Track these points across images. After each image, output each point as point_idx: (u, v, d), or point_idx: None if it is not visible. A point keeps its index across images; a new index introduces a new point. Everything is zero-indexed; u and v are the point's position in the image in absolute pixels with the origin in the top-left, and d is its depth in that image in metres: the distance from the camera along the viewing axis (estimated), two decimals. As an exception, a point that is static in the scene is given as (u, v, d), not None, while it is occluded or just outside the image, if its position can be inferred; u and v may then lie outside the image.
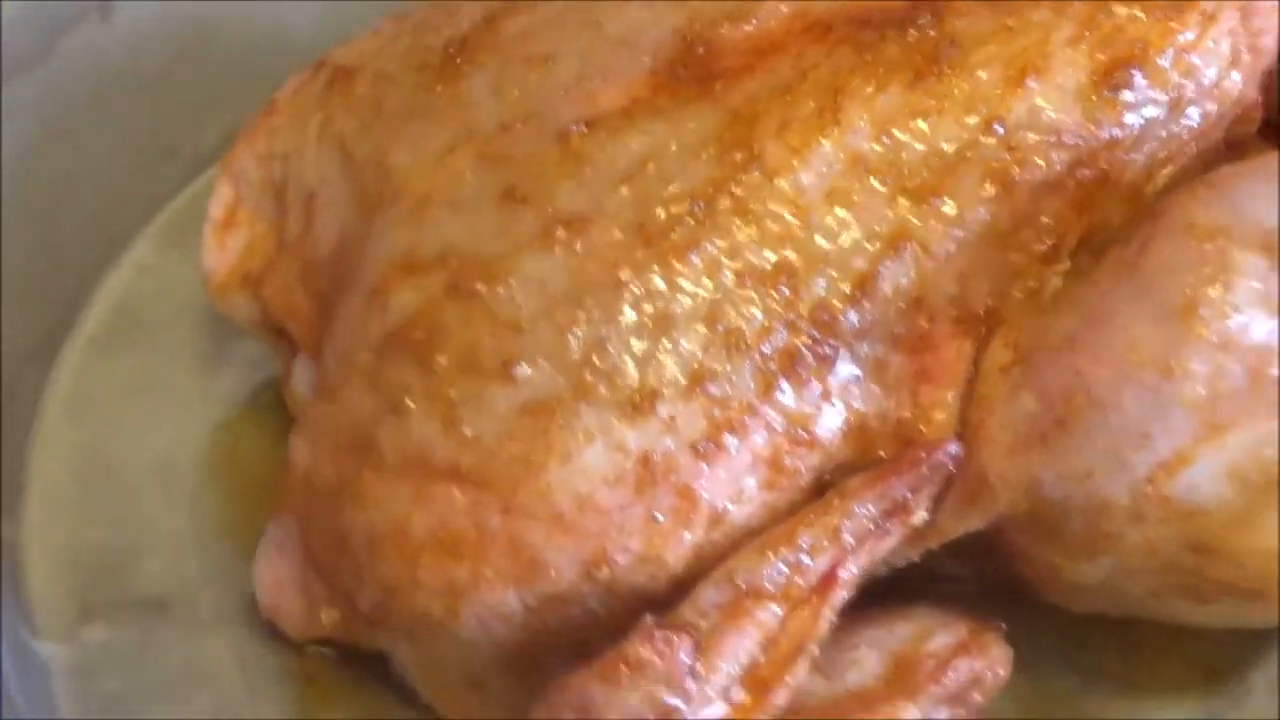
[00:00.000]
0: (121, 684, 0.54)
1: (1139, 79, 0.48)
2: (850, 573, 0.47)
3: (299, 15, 0.65)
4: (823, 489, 0.48)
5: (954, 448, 0.48)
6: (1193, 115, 0.49)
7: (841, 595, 0.47)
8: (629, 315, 0.46)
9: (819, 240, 0.47)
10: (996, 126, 0.47)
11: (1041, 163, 0.48)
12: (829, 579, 0.47)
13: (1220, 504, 0.47)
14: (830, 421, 0.47)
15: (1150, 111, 0.49)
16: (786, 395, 0.46)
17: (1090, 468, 0.47)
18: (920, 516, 0.48)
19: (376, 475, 0.47)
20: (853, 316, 0.47)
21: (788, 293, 0.47)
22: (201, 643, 0.54)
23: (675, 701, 0.46)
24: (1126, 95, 0.48)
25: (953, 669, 0.50)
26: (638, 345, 0.46)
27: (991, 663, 0.51)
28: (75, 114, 0.64)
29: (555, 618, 0.47)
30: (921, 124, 0.48)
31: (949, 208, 0.47)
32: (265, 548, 0.51)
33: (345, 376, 0.48)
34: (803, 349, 0.47)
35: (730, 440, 0.46)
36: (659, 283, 0.47)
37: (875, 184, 0.47)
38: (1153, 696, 0.56)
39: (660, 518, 0.46)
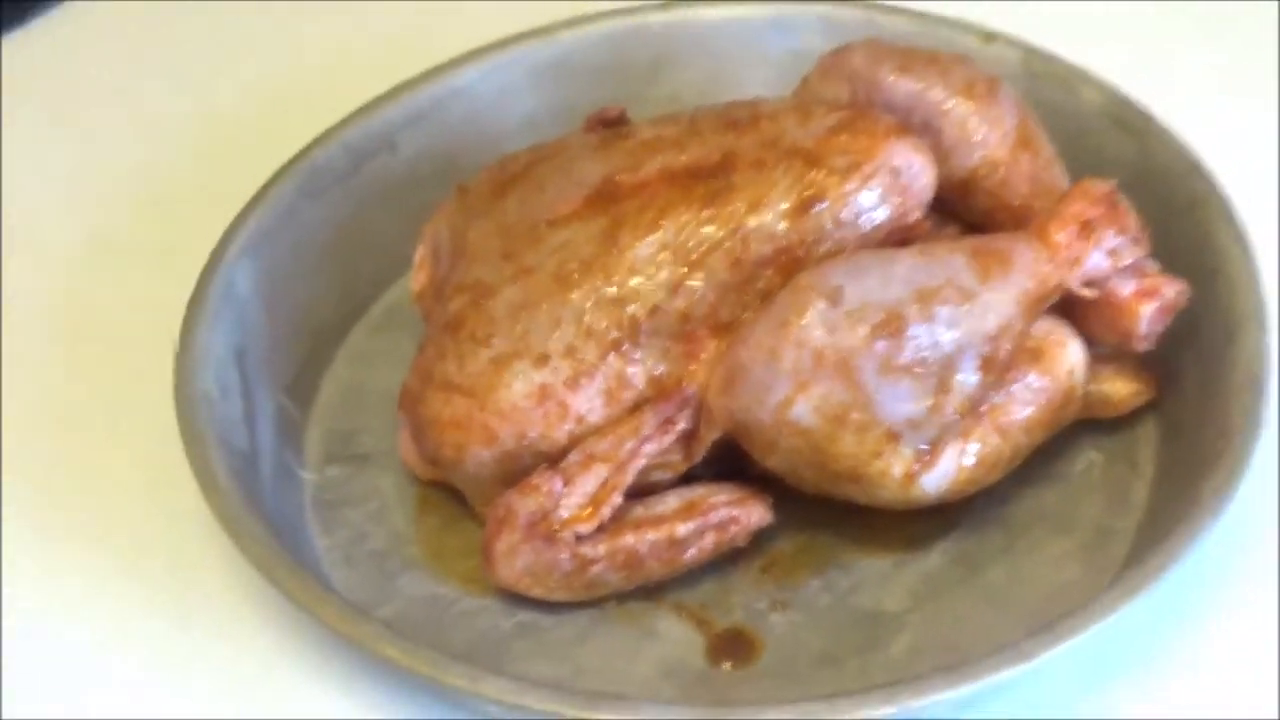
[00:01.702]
0: (336, 496, 0.86)
1: (820, 208, 0.79)
2: (645, 453, 0.79)
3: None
4: (637, 408, 0.79)
5: (691, 390, 0.78)
6: (852, 229, 0.80)
7: (639, 464, 0.78)
8: (541, 317, 0.79)
9: (637, 285, 0.79)
10: (739, 230, 0.79)
11: (759, 251, 0.79)
12: (632, 455, 0.79)
13: (817, 426, 0.76)
14: (638, 376, 0.79)
15: (827, 226, 0.79)
16: (614, 362, 0.79)
17: (748, 405, 0.77)
18: (680, 426, 0.79)
19: (432, 389, 0.80)
20: (649, 324, 0.79)
21: (617, 311, 0.78)
22: (379, 479, 0.86)
23: (548, 506, 0.77)
24: (811, 217, 0.79)
25: (715, 508, 0.80)
26: (543, 331, 0.79)
27: (748, 512, 0.80)
28: (374, 207, 0.95)
29: (511, 465, 0.79)
30: (702, 229, 0.79)
31: (706, 270, 0.79)
32: (401, 427, 0.84)
33: (429, 340, 0.82)
34: (624, 339, 0.79)
35: (585, 381, 0.79)
36: (558, 304, 0.79)
37: (670, 257, 0.79)
38: (874, 549, 0.83)
39: (550, 416, 0.79)
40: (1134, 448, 0.89)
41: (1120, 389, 0.88)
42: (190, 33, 1.17)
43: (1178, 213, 0.90)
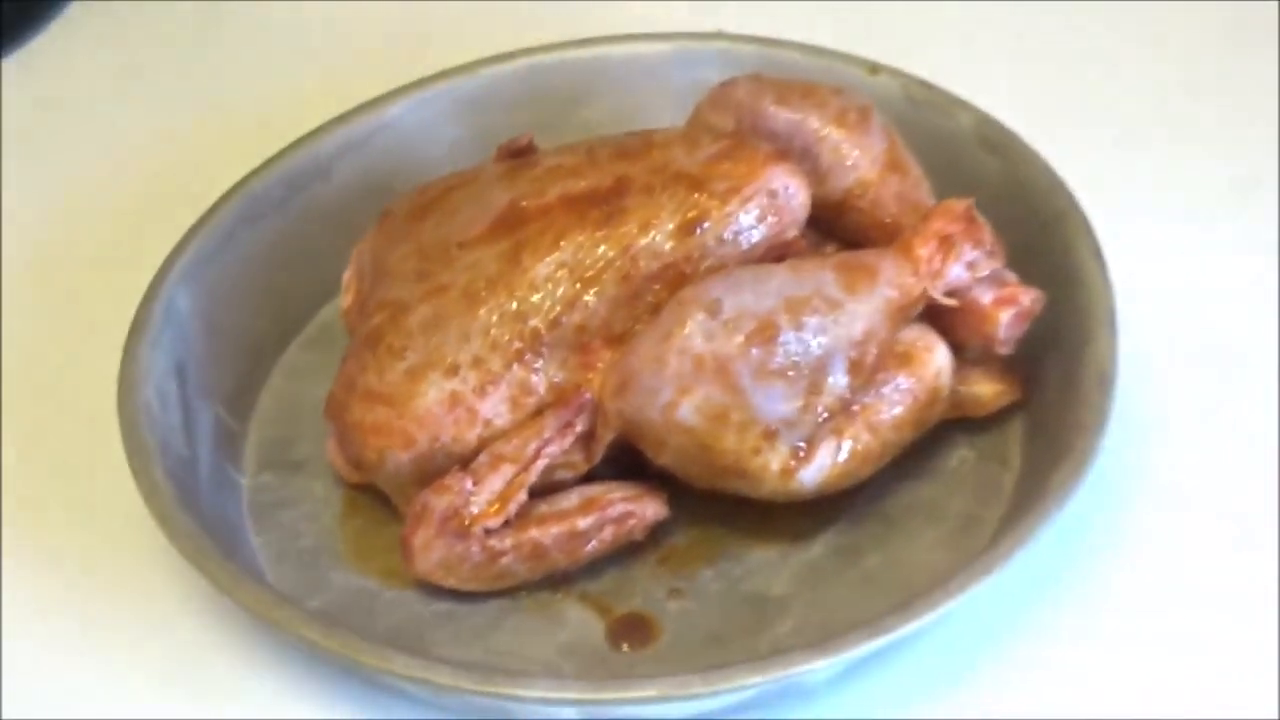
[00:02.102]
0: (271, 499, 0.91)
1: (703, 228, 0.86)
2: (547, 454, 0.84)
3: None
4: (539, 413, 0.85)
5: (588, 396, 0.84)
6: (733, 246, 0.86)
7: (542, 463, 0.84)
8: (451, 331, 0.84)
9: (538, 301, 0.85)
10: (630, 250, 0.85)
11: (648, 268, 0.85)
12: (535, 455, 0.84)
13: (700, 426, 0.82)
14: (540, 384, 0.85)
15: (709, 245, 0.86)
16: (517, 371, 0.85)
17: (639, 407, 0.82)
18: (579, 429, 0.84)
19: (354, 398, 0.86)
20: (549, 337, 0.84)
21: (519, 325, 0.84)
22: (311, 484, 0.92)
23: (459, 503, 0.83)
24: (695, 237, 0.86)
25: (613, 504, 0.85)
26: (454, 344, 0.84)
27: (643, 506, 0.86)
28: (309, 231, 1.00)
29: (426, 466, 0.85)
30: (596, 250, 0.85)
31: (600, 286, 0.85)
32: (329, 435, 0.89)
33: (350, 352, 0.87)
34: (526, 350, 0.85)
35: (491, 389, 0.84)
36: (467, 319, 0.84)
37: (567, 275, 0.85)
38: (762, 541, 0.88)
39: (460, 421, 0.85)
40: (1003, 444, 0.96)
41: (988, 390, 0.95)
42: (177, 49, 1.24)
43: (1042, 226, 0.97)
